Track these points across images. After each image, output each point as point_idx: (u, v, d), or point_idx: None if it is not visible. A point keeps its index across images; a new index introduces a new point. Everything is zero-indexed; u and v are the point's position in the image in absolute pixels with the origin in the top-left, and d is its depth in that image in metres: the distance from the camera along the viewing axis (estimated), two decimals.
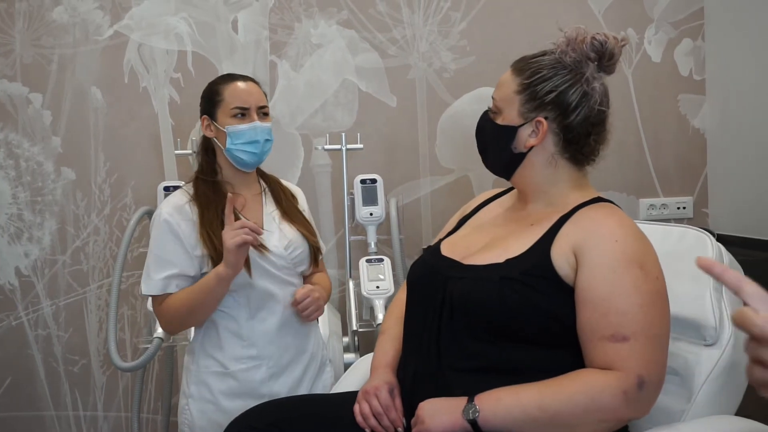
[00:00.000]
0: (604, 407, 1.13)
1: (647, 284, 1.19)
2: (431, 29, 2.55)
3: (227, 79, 1.75)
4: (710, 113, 2.62)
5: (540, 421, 1.15)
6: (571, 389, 1.15)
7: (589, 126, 1.31)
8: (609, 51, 1.30)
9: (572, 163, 1.34)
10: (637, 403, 1.14)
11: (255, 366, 1.71)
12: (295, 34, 2.51)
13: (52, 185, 2.48)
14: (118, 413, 2.55)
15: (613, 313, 1.16)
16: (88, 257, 2.50)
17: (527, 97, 1.31)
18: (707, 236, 1.48)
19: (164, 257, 1.66)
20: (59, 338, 2.51)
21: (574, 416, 1.14)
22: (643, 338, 1.15)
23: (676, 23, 2.60)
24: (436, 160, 2.58)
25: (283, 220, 1.77)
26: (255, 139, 1.71)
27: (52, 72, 2.45)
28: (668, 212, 2.62)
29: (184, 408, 1.73)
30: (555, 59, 1.31)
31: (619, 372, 1.14)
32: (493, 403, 1.17)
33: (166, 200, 1.73)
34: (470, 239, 1.38)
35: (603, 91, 1.31)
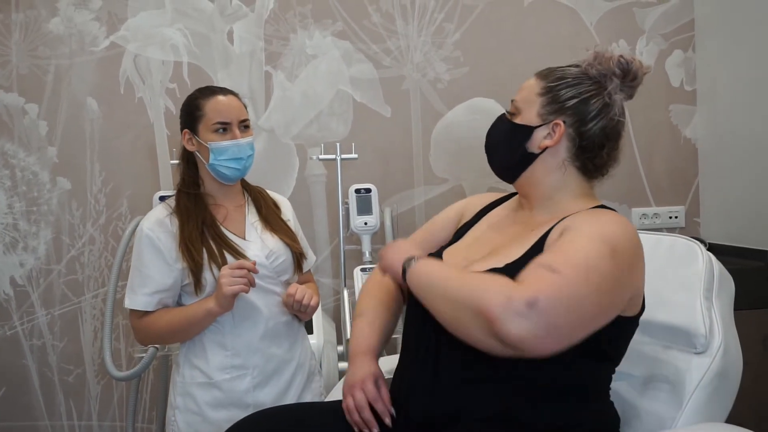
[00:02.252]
0: (483, 298, 1.10)
1: (606, 261, 1.15)
2: (425, 40, 2.57)
3: (206, 93, 1.75)
4: (701, 123, 2.65)
5: (439, 290, 1.21)
6: (480, 278, 1.18)
7: (605, 138, 1.33)
8: (633, 71, 1.33)
9: (581, 173, 1.36)
10: (517, 318, 1.07)
11: (239, 376, 1.71)
12: (291, 45, 2.53)
13: (48, 195, 2.49)
14: (113, 423, 2.55)
15: (559, 254, 1.15)
16: (84, 267, 2.51)
17: (549, 99, 1.33)
18: (698, 245, 1.49)
19: (146, 272, 1.68)
20: (54, 348, 2.51)
21: (460, 296, 1.15)
22: (568, 280, 1.11)
23: (667, 35, 2.63)
24: (431, 170, 2.60)
25: (264, 229, 1.78)
26: (239, 156, 1.72)
27: (48, 82, 2.47)
28: (660, 221, 2.64)
29: (171, 420, 1.74)
30: (581, 70, 1.35)
31: (521, 284, 1.11)
32: (426, 262, 1.28)
33: (148, 215, 1.76)
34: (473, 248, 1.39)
35: (621, 107, 1.34)
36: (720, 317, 1.37)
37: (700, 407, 1.30)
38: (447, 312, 1.19)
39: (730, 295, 1.46)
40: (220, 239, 1.69)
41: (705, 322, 1.36)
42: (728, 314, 1.41)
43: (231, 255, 1.68)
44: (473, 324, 1.12)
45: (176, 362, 1.77)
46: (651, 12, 2.62)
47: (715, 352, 1.33)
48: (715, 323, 1.36)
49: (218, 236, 1.69)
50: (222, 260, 1.66)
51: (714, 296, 1.40)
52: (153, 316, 1.69)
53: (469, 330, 1.15)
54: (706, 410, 1.31)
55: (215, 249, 1.67)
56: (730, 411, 1.36)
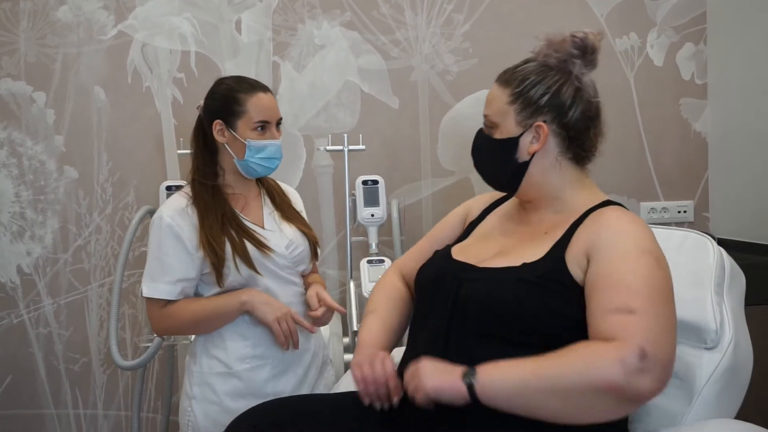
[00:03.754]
0: (600, 376, 1.10)
1: (660, 271, 1.18)
2: (434, 31, 2.56)
3: (247, 88, 1.72)
4: (712, 117, 2.63)
5: (537, 388, 1.12)
6: (569, 356, 1.13)
7: (588, 120, 1.32)
8: (590, 46, 1.31)
9: (575, 162, 1.35)
10: (637, 375, 1.09)
11: (260, 365, 1.71)
12: (299, 35, 2.52)
13: (55, 184, 2.49)
14: (118, 412, 2.55)
15: (623, 289, 1.15)
16: (90, 256, 2.51)
17: (521, 104, 1.31)
18: (708, 240, 1.48)
19: (167, 261, 1.66)
20: (60, 336, 2.51)
21: (570, 383, 1.11)
22: (651, 314, 1.13)
23: (678, 27, 2.61)
24: (438, 162, 2.59)
25: (282, 219, 1.78)
26: (275, 156, 1.73)
27: (55, 71, 2.46)
28: (669, 216, 2.63)
29: (187, 410, 1.73)
30: (539, 64, 1.32)
31: (620, 341, 1.11)
32: (492, 369, 1.15)
33: (166, 204, 1.73)
34: (482, 246, 1.38)
35: (592, 84, 1.33)
36: (731, 312, 1.36)
37: (710, 403, 1.29)
38: (556, 406, 1.13)
39: (741, 290, 1.44)
40: (242, 230, 1.68)
41: (716, 317, 1.35)
42: (739, 309, 1.40)
43: (253, 245, 1.67)
44: (598, 403, 1.12)
45: (192, 353, 1.76)
46: (663, 4, 2.60)
47: (726, 347, 1.32)
48: (725, 318, 1.35)
49: (240, 227, 1.68)
50: (244, 251, 1.65)
51: (725, 291, 1.39)
52: (176, 306, 1.67)
53: (594, 410, 1.13)
54: (716, 406, 1.30)
55: (237, 239, 1.66)
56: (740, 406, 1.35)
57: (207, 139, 1.75)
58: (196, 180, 1.73)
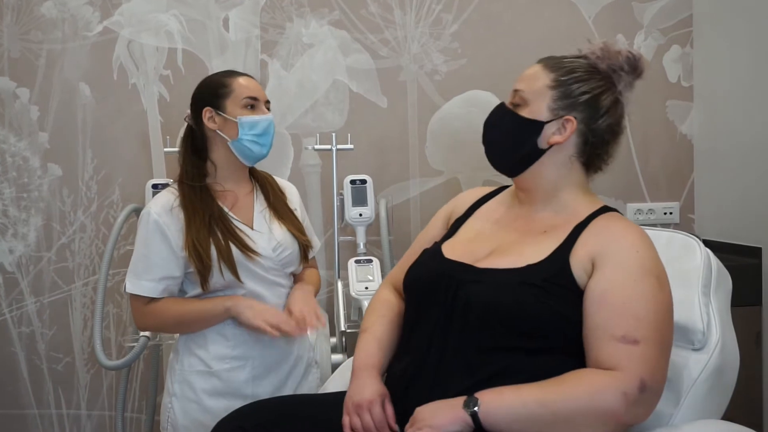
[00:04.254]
0: (603, 407, 1.13)
1: (662, 294, 1.21)
2: (423, 31, 2.55)
3: (230, 74, 1.73)
4: (697, 119, 2.64)
5: (541, 417, 1.14)
6: (572, 387, 1.15)
7: (612, 134, 1.33)
8: (640, 67, 1.32)
9: (585, 168, 1.35)
10: (636, 406, 1.14)
11: (239, 366, 1.69)
12: (287, 33, 2.51)
13: (39, 181, 2.46)
14: (102, 412, 2.52)
15: (628, 317, 1.16)
16: (74, 254, 2.48)
17: (560, 93, 1.30)
18: (696, 241, 1.48)
19: (152, 258, 1.64)
20: (43, 336, 2.49)
21: (574, 414, 1.13)
22: (652, 344, 1.16)
23: (665, 30, 2.62)
24: (426, 162, 2.58)
25: (273, 218, 1.75)
26: (267, 131, 1.71)
27: (40, 67, 2.43)
28: (655, 217, 2.64)
29: (167, 406, 1.72)
30: (590, 64, 1.32)
31: (622, 373, 1.14)
32: (494, 396, 1.16)
33: (155, 200, 1.71)
34: (474, 243, 1.35)
35: (625, 105, 1.34)
36: (718, 313, 1.36)
37: (697, 403, 1.29)
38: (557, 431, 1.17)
39: (727, 291, 1.45)
40: (228, 232, 1.66)
41: (703, 318, 1.35)
42: (726, 310, 1.41)
43: (238, 249, 1.64)
44: (597, 429, 1.16)
45: (175, 350, 1.75)
46: (650, 6, 2.61)
47: (713, 348, 1.32)
48: (712, 319, 1.35)
49: (227, 229, 1.66)
50: (229, 256, 1.63)
51: (712, 292, 1.40)
52: (161, 305, 1.66)
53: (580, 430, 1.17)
54: (703, 406, 1.30)
55: (222, 243, 1.63)
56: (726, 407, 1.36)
57: (195, 141, 1.73)
58: (183, 183, 1.71)
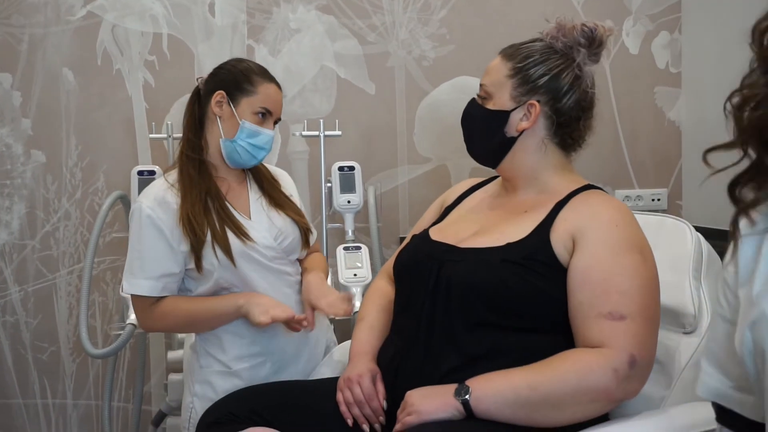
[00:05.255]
0: (594, 385, 1.13)
1: (646, 269, 1.21)
2: (411, 16, 2.53)
3: (264, 75, 1.68)
4: (685, 106, 2.64)
5: (531, 400, 1.14)
6: (561, 368, 1.15)
7: (580, 110, 1.33)
8: (598, 38, 1.32)
9: (561, 148, 1.36)
10: (627, 382, 1.14)
11: (259, 363, 1.63)
12: (273, 18, 2.48)
13: (22, 168, 2.42)
14: (88, 401, 2.50)
15: (612, 292, 1.17)
16: (59, 242, 2.45)
17: (520, 80, 1.32)
18: (686, 225, 1.49)
19: (148, 255, 1.57)
20: (27, 325, 2.45)
21: (565, 394, 1.14)
22: (640, 319, 1.16)
23: (654, 16, 2.62)
24: (414, 149, 2.57)
25: (270, 207, 1.70)
26: (263, 146, 1.66)
27: (22, 52, 2.39)
28: (643, 203, 2.64)
29: (189, 406, 1.65)
30: (546, 45, 1.33)
31: (610, 350, 1.14)
32: (484, 383, 1.16)
33: (145, 192, 1.64)
34: (459, 225, 1.37)
35: (591, 76, 1.34)
36: (708, 297, 1.37)
37: (688, 387, 1.30)
38: (549, 414, 1.16)
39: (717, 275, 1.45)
40: (225, 214, 1.59)
41: (694, 301, 1.36)
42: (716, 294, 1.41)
43: (235, 235, 1.58)
44: (589, 407, 1.16)
45: (193, 348, 1.69)
46: None
47: (704, 331, 1.33)
48: (703, 303, 1.36)
49: (222, 210, 1.60)
50: (224, 239, 1.56)
51: (702, 276, 1.40)
52: (168, 305, 1.58)
53: (585, 413, 1.17)
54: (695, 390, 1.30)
55: (218, 225, 1.57)
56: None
57: (200, 113, 1.68)
58: (184, 153, 1.65)
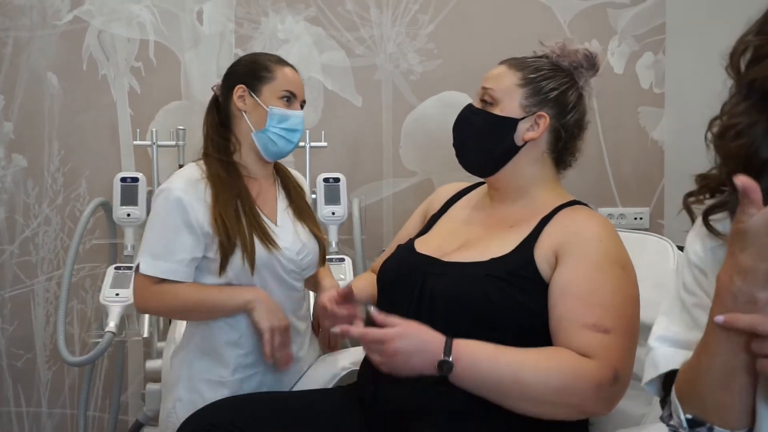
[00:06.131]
0: (575, 392, 1.13)
1: (628, 285, 1.22)
2: (399, 30, 2.54)
3: (276, 60, 1.65)
4: (668, 126, 2.67)
5: (510, 390, 1.14)
6: (548, 366, 1.14)
7: (579, 129, 1.37)
8: (597, 64, 1.37)
9: (555, 164, 1.38)
10: (606, 397, 1.15)
11: (250, 376, 1.59)
12: (261, 28, 2.48)
13: (2, 172, 2.39)
14: (63, 410, 2.46)
15: (596, 305, 1.17)
16: (38, 248, 2.41)
17: (531, 91, 1.33)
18: (668, 243, 1.50)
19: (173, 239, 1.51)
20: (3, 331, 2.41)
21: (544, 393, 1.14)
22: (622, 334, 1.17)
23: (639, 36, 2.65)
24: (400, 162, 2.57)
25: (296, 219, 1.66)
26: (296, 128, 1.63)
27: (6, 55, 2.37)
28: (626, 222, 2.67)
29: (170, 411, 1.59)
30: (552, 62, 1.36)
31: (598, 362, 1.14)
32: (470, 363, 1.14)
33: (177, 174, 1.59)
34: (444, 238, 1.37)
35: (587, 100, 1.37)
36: None
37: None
38: (523, 406, 1.16)
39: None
40: (255, 220, 1.55)
41: None
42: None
43: (261, 242, 1.54)
44: (561, 409, 1.16)
45: (182, 351, 1.64)
46: (624, 13, 2.63)
47: None
48: None
49: (253, 215, 1.55)
50: (251, 247, 1.52)
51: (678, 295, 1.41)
52: (172, 287, 1.52)
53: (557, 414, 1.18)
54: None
55: (247, 232, 1.52)
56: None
57: (221, 116, 1.65)
58: (209, 155, 1.60)
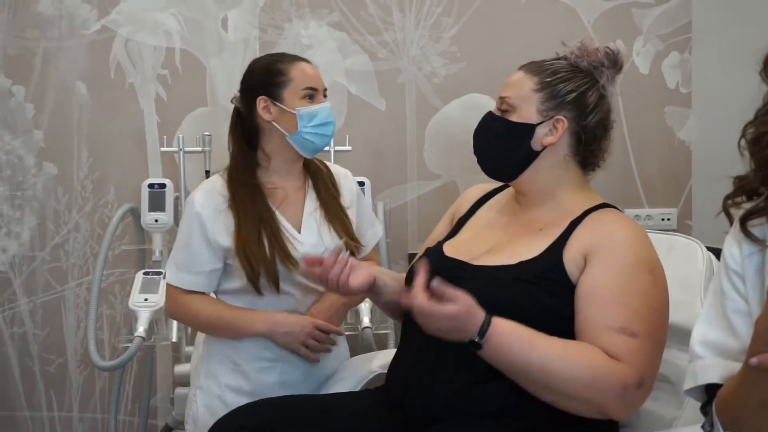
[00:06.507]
0: (600, 392, 1.13)
1: (657, 290, 1.21)
2: (422, 33, 2.54)
3: (287, 59, 1.66)
4: (695, 126, 2.64)
5: (537, 379, 1.15)
6: (578, 361, 1.14)
7: (602, 129, 1.34)
8: (620, 62, 1.35)
9: (581, 167, 1.36)
10: (629, 401, 1.14)
11: (268, 367, 1.63)
12: (285, 34, 2.50)
13: (33, 180, 2.43)
14: (94, 415, 2.49)
15: (622, 309, 1.16)
16: (68, 254, 2.45)
17: (547, 95, 1.32)
18: (698, 244, 1.48)
19: (193, 251, 1.60)
20: (35, 337, 2.45)
21: (569, 388, 1.13)
22: (650, 340, 1.16)
23: (664, 36, 2.62)
24: (424, 165, 2.57)
25: (323, 220, 1.67)
26: (328, 120, 1.64)
27: (36, 65, 2.41)
28: (653, 223, 2.64)
29: (192, 399, 1.67)
30: (570, 63, 1.34)
31: (626, 366, 1.13)
32: (501, 344, 1.15)
33: (202, 185, 1.67)
34: (473, 242, 1.37)
35: (610, 99, 1.35)
36: None
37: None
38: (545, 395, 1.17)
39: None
40: (276, 240, 1.59)
41: None
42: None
43: (280, 258, 1.57)
44: (582, 406, 1.16)
45: (203, 340, 1.71)
46: (649, 12, 2.61)
47: None
48: None
49: (274, 237, 1.59)
50: (273, 269, 1.57)
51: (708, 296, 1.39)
52: (197, 302, 1.62)
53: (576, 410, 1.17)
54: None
55: (268, 253, 1.57)
56: None
57: (245, 129, 1.67)
58: (233, 177, 1.64)
